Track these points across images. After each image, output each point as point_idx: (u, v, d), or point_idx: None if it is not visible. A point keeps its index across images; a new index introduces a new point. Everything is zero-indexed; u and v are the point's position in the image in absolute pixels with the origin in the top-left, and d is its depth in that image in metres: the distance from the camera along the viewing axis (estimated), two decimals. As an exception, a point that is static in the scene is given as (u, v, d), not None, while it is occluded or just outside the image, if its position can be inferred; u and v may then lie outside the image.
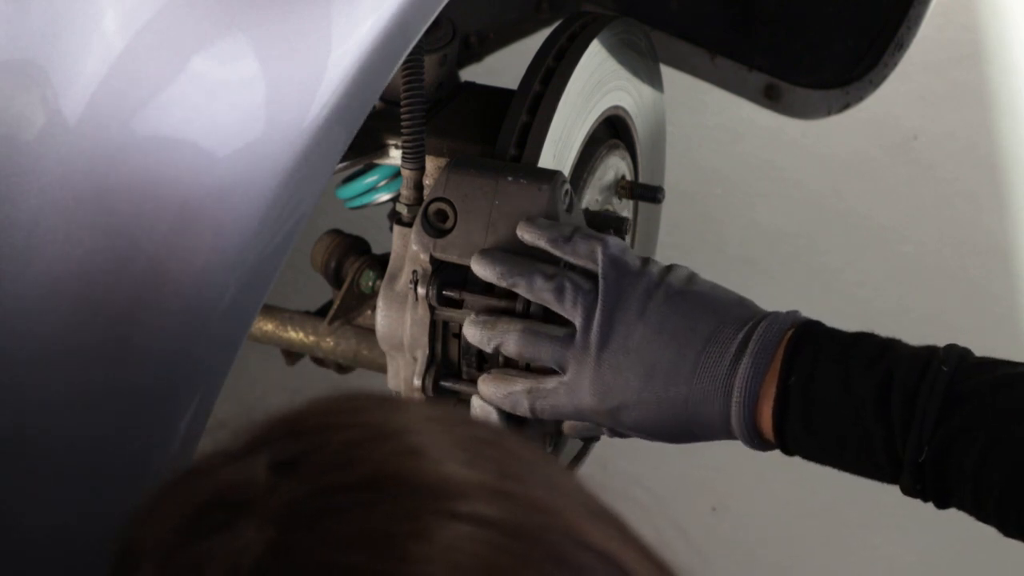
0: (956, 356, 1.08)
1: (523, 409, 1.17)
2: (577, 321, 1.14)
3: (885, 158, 2.85)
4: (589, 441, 1.35)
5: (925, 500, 1.08)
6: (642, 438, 1.18)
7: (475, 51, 1.80)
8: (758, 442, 1.13)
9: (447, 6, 1.07)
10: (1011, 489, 1.03)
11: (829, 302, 2.49)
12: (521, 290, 1.17)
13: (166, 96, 0.92)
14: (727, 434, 1.14)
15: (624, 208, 1.49)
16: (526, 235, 1.19)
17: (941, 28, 2.98)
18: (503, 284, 1.18)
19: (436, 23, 1.33)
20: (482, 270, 1.19)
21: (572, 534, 0.65)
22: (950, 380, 1.05)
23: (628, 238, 1.44)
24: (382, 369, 1.34)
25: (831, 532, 2.27)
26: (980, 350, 1.10)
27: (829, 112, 1.82)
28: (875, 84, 1.79)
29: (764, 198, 2.78)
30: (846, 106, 1.81)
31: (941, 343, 1.10)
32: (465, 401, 1.27)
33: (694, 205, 2.72)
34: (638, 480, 2.17)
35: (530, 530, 0.65)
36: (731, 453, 2.07)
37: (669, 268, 1.17)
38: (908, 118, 2.90)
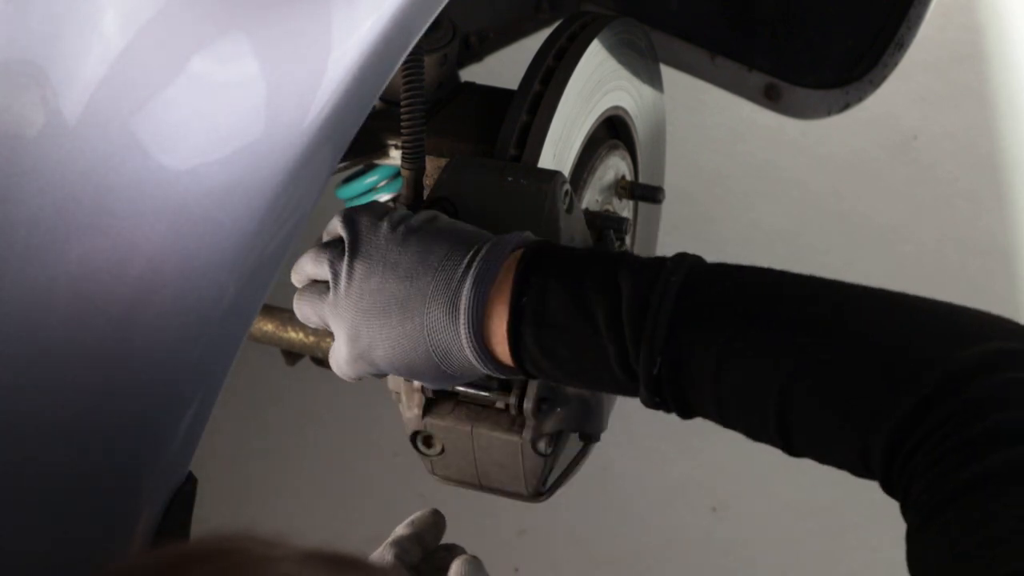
0: (686, 266, 1.04)
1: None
2: (329, 279, 1.13)
3: (885, 158, 2.86)
4: (589, 442, 1.35)
5: (668, 411, 1.05)
6: (405, 377, 1.17)
7: (475, 51, 1.80)
8: (497, 368, 1.09)
9: (447, 6, 1.07)
10: (749, 393, 0.99)
11: (829, 302, 2.49)
12: (296, 278, 1.16)
13: (166, 97, 0.92)
14: (475, 368, 1.10)
15: (624, 208, 1.49)
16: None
17: (941, 28, 2.98)
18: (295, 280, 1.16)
19: (436, 23, 1.33)
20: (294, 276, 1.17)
21: None
22: (680, 290, 1.02)
23: (628, 238, 1.44)
24: (382, 369, 1.34)
25: (831, 532, 2.27)
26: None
27: (829, 112, 1.82)
28: (875, 84, 1.79)
29: (764, 198, 2.78)
30: (846, 106, 1.81)
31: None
32: (463, 401, 1.27)
33: (694, 205, 2.72)
34: (639, 481, 2.17)
35: None
36: (731, 453, 2.07)
37: (409, 214, 1.14)
38: (908, 118, 2.90)
